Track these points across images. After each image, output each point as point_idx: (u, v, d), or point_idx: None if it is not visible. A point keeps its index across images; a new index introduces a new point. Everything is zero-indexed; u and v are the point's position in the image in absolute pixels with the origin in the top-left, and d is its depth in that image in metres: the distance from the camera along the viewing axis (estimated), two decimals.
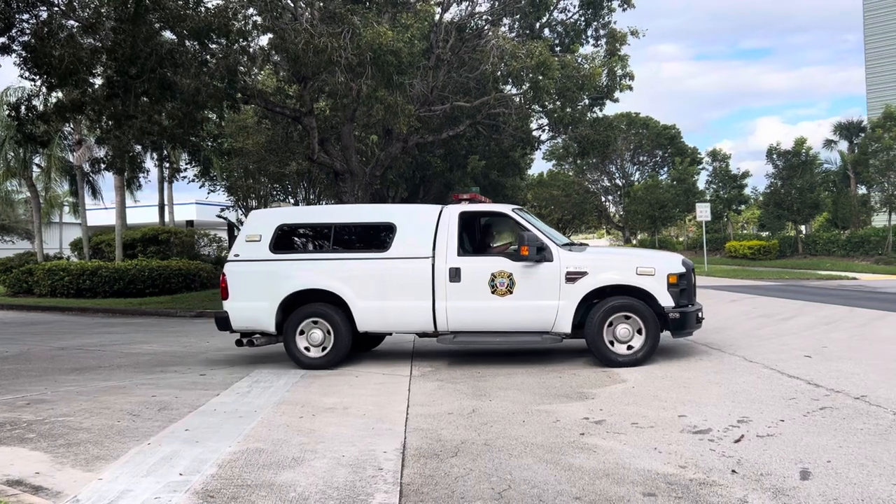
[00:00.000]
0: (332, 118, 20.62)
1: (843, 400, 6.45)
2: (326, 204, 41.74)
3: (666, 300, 8.75)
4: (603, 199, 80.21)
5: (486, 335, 9.04)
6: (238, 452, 5.42)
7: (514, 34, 20.55)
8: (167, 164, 28.61)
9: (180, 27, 13.09)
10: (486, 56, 17.41)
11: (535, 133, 25.10)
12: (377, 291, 9.10)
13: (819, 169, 41.39)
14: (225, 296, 9.48)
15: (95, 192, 34.82)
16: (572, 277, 8.86)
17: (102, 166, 18.34)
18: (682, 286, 8.90)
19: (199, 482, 4.76)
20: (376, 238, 9.46)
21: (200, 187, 32.43)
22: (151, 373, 9.26)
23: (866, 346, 9.56)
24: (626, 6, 21.11)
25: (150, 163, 26.66)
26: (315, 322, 9.26)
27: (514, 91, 20.63)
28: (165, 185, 31.08)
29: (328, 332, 9.24)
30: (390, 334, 9.92)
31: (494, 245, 10.10)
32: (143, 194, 40.81)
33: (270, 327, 9.32)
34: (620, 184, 74.62)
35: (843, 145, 44.73)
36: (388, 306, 9.10)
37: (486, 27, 20.22)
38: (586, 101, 21.04)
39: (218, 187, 31.53)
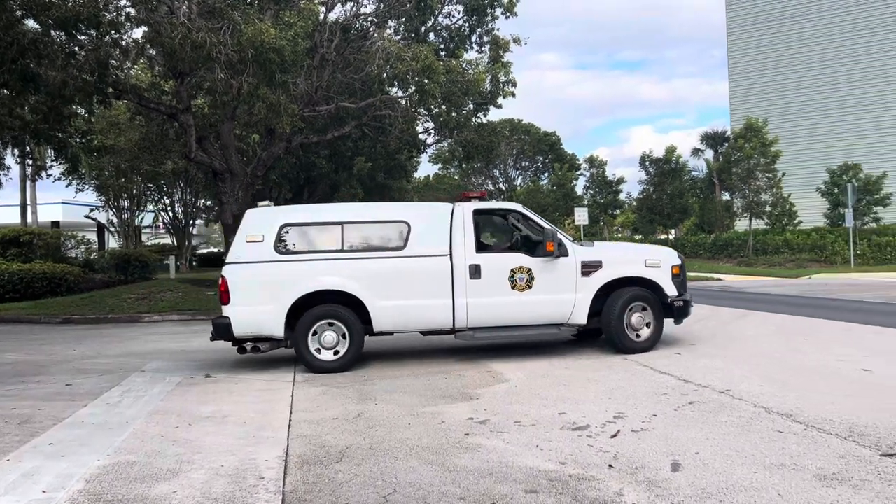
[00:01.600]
0: (212, 116, 19.97)
1: (709, 394, 6.82)
2: (205, 203, 40.45)
3: (671, 290, 9.59)
4: None
5: (504, 330, 9.22)
6: (108, 466, 5.13)
7: (399, 37, 20.60)
8: (30, 162, 26.83)
9: (45, 16, 12.32)
10: (371, 58, 17.37)
11: (421, 136, 25.24)
12: (395, 291, 8.99)
13: (688, 176, 43.86)
14: (226, 301, 8.84)
15: None
16: (588, 271, 9.36)
17: None
18: (682, 277, 9.81)
19: (64, 499, 4.47)
20: (391, 236, 9.28)
21: (67, 186, 30.68)
22: (11, 384, 8.63)
23: (730, 342, 10.17)
24: (508, 14, 21.58)
25: (10, 159, 24.94)
26: (330, 324, 8.95)
27: (400, 94, 20.68)
28: (28, 183, 29.15)
29: (342, 335, 8.97)
30: (391, 334, 9.53)
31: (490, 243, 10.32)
32: (2, 193, 38.13)
33: (279, 332, 8.86)
34: (504, 188, 76.12)
35: (710, 154, 47.65)
36: (406, 305, 9.02)
37: (371, 29, 20.17)
38: (471, 106, 21.35)
39: (87, 186, 29.95)
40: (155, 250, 34.13)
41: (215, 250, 61.68)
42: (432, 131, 23.93)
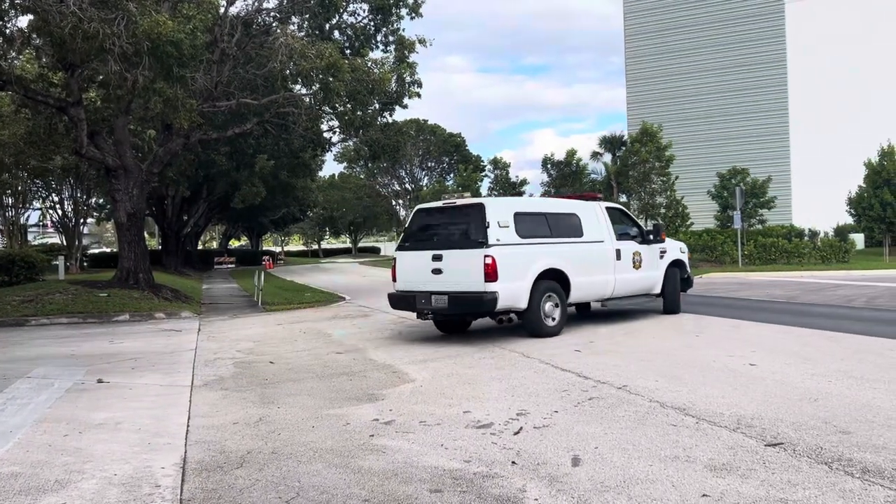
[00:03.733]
0: (105, 110, 19.10)
1: (607, 390, 7.04)
2: (98, 201, 38.75)
3: (688, 269, 13.76)
4: (394, 202, 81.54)
5: (626, 299, 12.47)
6: None
7: (303, 34, 20.31)
8: None
9: None
10: (274, 54, 17.05)
11: (325, 135, 24.98)
12: (583, 269, 11.38)
13: (587, 178, 45.13)
14: (493, 278, 10.13)
15: None
16: (662, 255, 13.15)
17: None
18: (689, 260, 14.07)
19: None
20: (574, 226, 11.66)
21: None
22: None
23: (627, 340, 10.53)
24: (414, 15, 21.63)
25: None
26: (549, 297, 10.82)
27: (303, 91, 20.40)
28: None
29: (555, 305, 10.93)
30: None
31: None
32: None
33: (524, 304, 10.51)
34: (410, 188, 76.12)
35: (608, 157, 49.03)
36: (587, 281, 11.50)
37: (274, 24, 19.80)
38: (377, 106, 21.28)
39: None
40: (42, 250, 32.40)
41: (108, 250, 59.11)
42: (337, 130, 23.73)
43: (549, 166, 43.52)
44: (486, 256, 10.09)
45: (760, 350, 9.16)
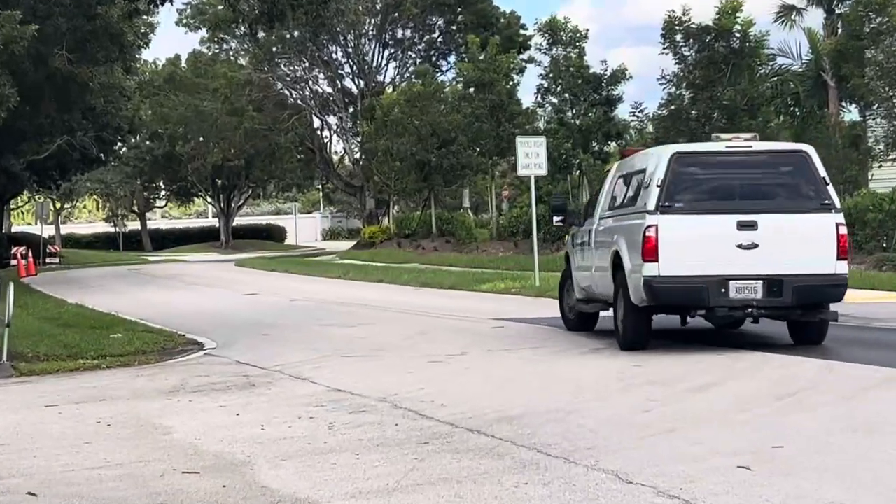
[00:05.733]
0: None
1: None
2: None
3: None
4: (318, 124, 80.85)
5: None
6: None
7: None
8: None
9: None
10: None
11: None
12: None
13: (768, 67, 44.97)
14: (846, 255, 15.02)
15: None
16: None
17: None
18: None
19: None
20: None
21: None
22: None
23: (858, 440, 10.43)
24: None
25: None
26: None
27: None
28: None
29: None
30: None
31: None
32: None
33: None
34: (357, 87, 75.84)
35: (816, 19, 48.85)
36: None
37: None
38: None
39: None
40: None
41: None
42: None
43: (678, 39, 43.43)
44: (838, 225, 14.57)
45: None
